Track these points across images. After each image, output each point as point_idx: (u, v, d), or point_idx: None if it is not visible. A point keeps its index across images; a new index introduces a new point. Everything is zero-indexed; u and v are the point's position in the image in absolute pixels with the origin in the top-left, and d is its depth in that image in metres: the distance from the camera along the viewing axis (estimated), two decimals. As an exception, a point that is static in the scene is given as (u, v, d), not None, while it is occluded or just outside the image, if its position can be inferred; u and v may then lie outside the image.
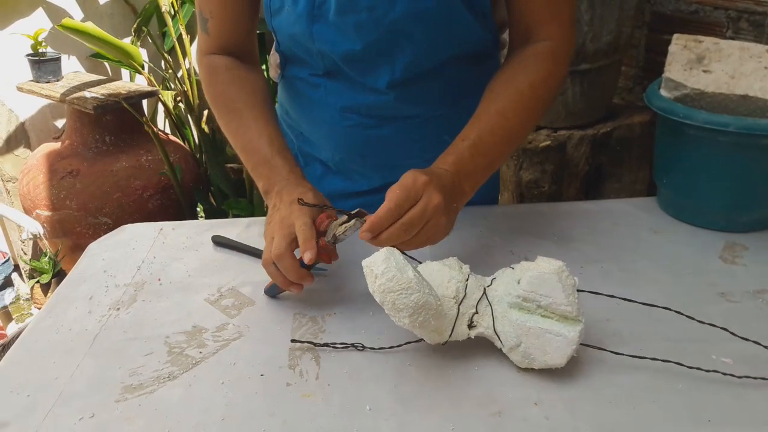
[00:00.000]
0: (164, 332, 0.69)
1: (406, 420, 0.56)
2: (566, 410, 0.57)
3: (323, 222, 0.70)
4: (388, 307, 0.59)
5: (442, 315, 0.61)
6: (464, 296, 0.63)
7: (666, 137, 0.90)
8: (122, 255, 0.86)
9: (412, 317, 0.58)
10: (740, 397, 0.58)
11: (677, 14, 1.62)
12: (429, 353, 0.64)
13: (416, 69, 0.83)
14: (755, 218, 0.87)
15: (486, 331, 0.62)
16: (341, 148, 0.93)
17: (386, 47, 0.80)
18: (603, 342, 0.65)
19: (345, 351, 0.65)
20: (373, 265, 0.59)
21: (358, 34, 0.78)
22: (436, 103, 0.89)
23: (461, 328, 0.62)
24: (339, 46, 0.80)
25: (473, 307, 0.63)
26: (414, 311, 0.58)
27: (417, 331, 0.60)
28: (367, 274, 0.60)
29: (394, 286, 0.57)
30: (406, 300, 0.57)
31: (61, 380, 0.62)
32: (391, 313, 0.59)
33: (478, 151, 0.72)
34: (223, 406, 0.58)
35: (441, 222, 0.65)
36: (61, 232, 2.11)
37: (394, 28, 0.77)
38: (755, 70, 0.82)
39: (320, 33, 0.80)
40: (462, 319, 0.62)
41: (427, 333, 0.62)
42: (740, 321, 0.68)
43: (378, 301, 0.59)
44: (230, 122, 0.84)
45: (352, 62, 0.82)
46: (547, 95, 0.78)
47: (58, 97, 2.07)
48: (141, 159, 2.15)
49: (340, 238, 0.69)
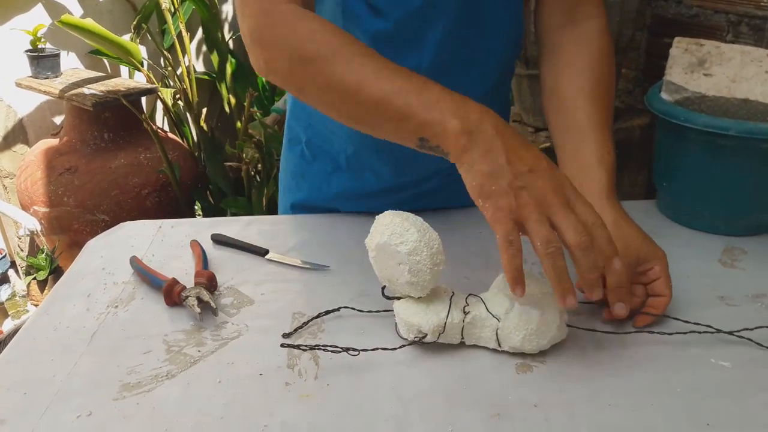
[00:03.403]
0: (163, 330, 0.69)
1: (405, 421, 0.56)
2: (566, 412, 0.57)
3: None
4: (385, 238, 0.61)
5: (437, 270, 0.62)
6: (453, 294, 0.65)
7: (666, 140, 0.90)
8: (120, 252, 0.86)
9: (410, 255, 0.60)
10: (739, 401, 0.58)
11: (678, 17, 1.62)
12: (428, 354, 0.64)
13: (443, 55, 0.79)
14: (755, 222, 0.87)
15: (480, 313, 0.63)
16: (355, 140, 0.89)
17: (418, 26, 0.77)
18: (601, 344, 0.65)
19: (344, 351, 0.65)
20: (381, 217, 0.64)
21: (391, 8, 0.75)
22: (464, 92, 0.87)
23: (457, 312, 0.63)
24: (370, 24, 0.76)
25: (464, 300, 0.65)
26: (414, 248, 0.60)
27: (407, 277, 0.62)
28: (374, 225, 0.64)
29: (397, 227, 0.61)
30: (407, 235, 0.61)
31: (58, 378, 0.62)
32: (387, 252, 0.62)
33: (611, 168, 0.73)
34: (221, 405, 0.58)
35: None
36: (58, 228, 2.11)
37: (428, 3, 0.74)
38: (756, 74, 0.82)
39: (353, 8, 0.76)
40: (456, 307, 0.64)
41: (418, 284, 0.62)
42: (739, 325, 0.68)
43: (376, 242, 0.63)
44: (366, 65, 0.64)
45: (381, 44, 0.77)
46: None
47: (57, 94, 2.06)
48: (139, 156, 2.15)
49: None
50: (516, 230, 0.56)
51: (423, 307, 0.64)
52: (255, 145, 2.09)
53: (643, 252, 0.68)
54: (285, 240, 0.88)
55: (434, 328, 0.63)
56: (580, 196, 0.58)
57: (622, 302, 0.64)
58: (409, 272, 0.61)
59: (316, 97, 0.68)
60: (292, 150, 0.99)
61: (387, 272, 0.65)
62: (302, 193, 0.99)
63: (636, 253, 0.68)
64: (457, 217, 0.91)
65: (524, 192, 0.56)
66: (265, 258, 0.83)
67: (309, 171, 0.96)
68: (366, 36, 0.78)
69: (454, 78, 0.82)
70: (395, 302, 0.67)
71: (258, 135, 2.11)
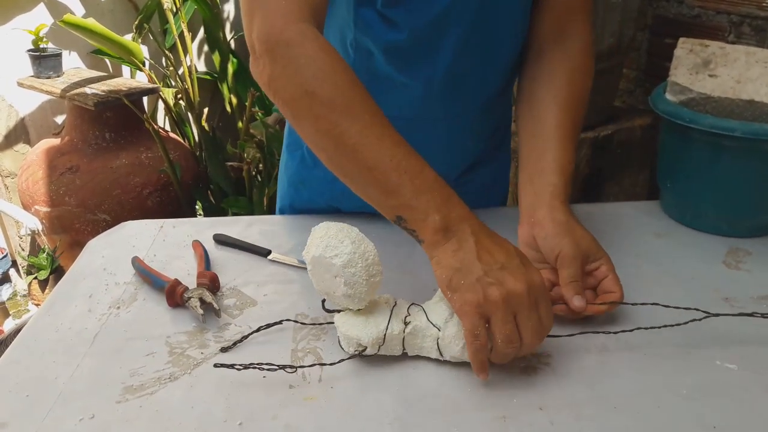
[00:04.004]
0: (165, 332, 0.69)
1: (410, 423, 0.56)
2: (571, 415, 0.56)
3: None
4: (320, 251, 0.60)
5: (373, 281, 0.61)
6: (395, 305, 0.64)
7: (671, 141, 0.90)
8: (122, 252, 0.85)
9: (345, 268, 0.59)
10: (745, 403, 0.58)
11: (679, 18, 1.62)
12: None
13: (456, 67, 0.80)
14: (759, 224, 0.87)
15: (420, 323, 0.62)
16: None
17: (432, 37, 0.77)
18: (606, 346, 0.65)
19: (281, 369, 0.63)
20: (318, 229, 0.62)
21: (406, 19, 0.75)
22: (467, 106, 0.87)
23: (397, 323, 0.62)
24: (383, 35, 0.76)
25: (406, 310, 0.64)
26: (349, 261, 0.59)
27: (344, 290, 0.60)
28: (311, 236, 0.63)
29: (332, 239, 0.60)
30: (342, 247, 0.59)
31: (60, 380, 0.62)
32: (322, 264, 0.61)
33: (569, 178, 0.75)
34: (224, 408, 0.58)
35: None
36: (59, 228, 2.11)
37: (444, 12, 0.75)
38: (761, 75, 0.81)
39: (366, 18, 0.76)
40: (396, 317, 0.63)
41: (354, 296, 0.61)
42: (744, 327, 0.67)
43: (311, 255, 0.61)
44: (372, 127, 0.63)
45: (393, 55, 0.78)
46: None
47: (59, 93, 2.06)
48: (141, 156, 2.15)
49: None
50: (483, 324, 0.57)
51: (362, 319, 0.63)
52: (256, 144, 2.08)
53: (592, 251, 0.69)
54: (287, 240, 0.88)
55: (374, 341, 0.61)
56: (545, 298, 0.59)
57: (579, 294, 0.66)
58: (345, 285, 0.60)
59: (311, 135, 0.67)
60: (291, 155, 0.98)
61: (324, 285, 0.63)
62: (302, 201, 0.98)
63: (586, 251, 0.69)
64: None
65: (493, 288, 0.57)
66: (268, 258, 0.83)
67: (309, 177, 0.95)
68: (378, 46, 0.78)
69: (466, 84, 0.83)
70: (335, 315, 0.65)
71: (259, 135, 2.11)
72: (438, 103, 0.84)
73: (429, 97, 0.82)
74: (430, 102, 0.83)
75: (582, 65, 0.81)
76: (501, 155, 1.01)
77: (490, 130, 0.95)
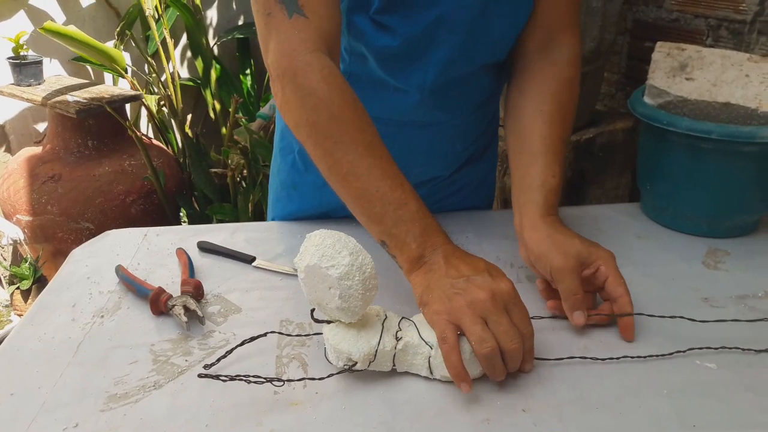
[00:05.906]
0: (149, 340, 0.69)
1: (395, 427, 0.56)
2: (554, 416, 0.57)
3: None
4: (315, 260, 0.58)
5: (369, 295, 0.60)
6: (386, 318, 0.63)
7: (649, 144, 0.91)
8: (106, 261, 0.85)
9: (342, 280, 0.57)
10: (724, 402, 0.59)
11: (658, 22, 1.64)
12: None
13: (448, 73, 0.81)
14: (737, 224, 0.88)
15: (412, 340, 0.62)
16: None
17: (425, 44, 0.77)
18: (588, 349, 0.66)
19: (268, 382, 0.62)
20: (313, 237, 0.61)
21: (400, 26, 0.76)
22: (458, 111, 0.88)
23: (388, 338, 0.61)
24: (376, 40, 0.77)
25: (397, 324, 0.63)
26: (346, 273, 0.57)
27: (338, 302, 0.58)
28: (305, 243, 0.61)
29: (328, 249, 0.58)
30: (339, 258, 0.58)
31: (44, 389, 0.61)
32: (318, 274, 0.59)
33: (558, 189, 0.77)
34: (209, 415, 0.58)
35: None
36: (42, 237, 2.08)
37: (438, 20, 0.75)
38: (737, 78, 0.83)
39: (358, 25, 0.76)
40: (388, 333, 0.62)
41: (348, 310, 0.59)
42: (723, 326, 0.68)
43: (305, 264, 0.59)
44: (362, 158, 0.67)
45: (386, 60, 0.79)
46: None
47: (40, 101, 2.04)
48: (124, 164, 2.13)
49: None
50: (451, 329, 0.59)
51: (354, 333, 0.61)
52: (240, 151, 2.08)
53: (584, 255, 0.69)
54: (272, 247, 0.88)
55: (365, 357, 0.60)
56: (518, 304, 0.61)
57: (579, 310, 0.67)
58: (340, 297, 0.58)
59: (312, 157, 0.71)
60: (284, 159, 0.98)
61: (316, 295, 0.61)
62: (294, 205, 0.98)
63: (576, 258, 0.69)
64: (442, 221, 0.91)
65: (458, 296, 0.60)
66: (252, 265, 0.83)
67: (301, 182, 0.96)
68: (371, 52, 0.79)
69: (458, 90, 0.84)
70: (324, 326, 0.63)
71: (243, 141, 2.10)
72: (430, 108, 0.85)
73: (422, 101, 0.83)
74: (422, 106, 0.84)
75: (570, 77, 0.82)
76: (487, 157, 1.02)
77: (479, 133, 0.96)
